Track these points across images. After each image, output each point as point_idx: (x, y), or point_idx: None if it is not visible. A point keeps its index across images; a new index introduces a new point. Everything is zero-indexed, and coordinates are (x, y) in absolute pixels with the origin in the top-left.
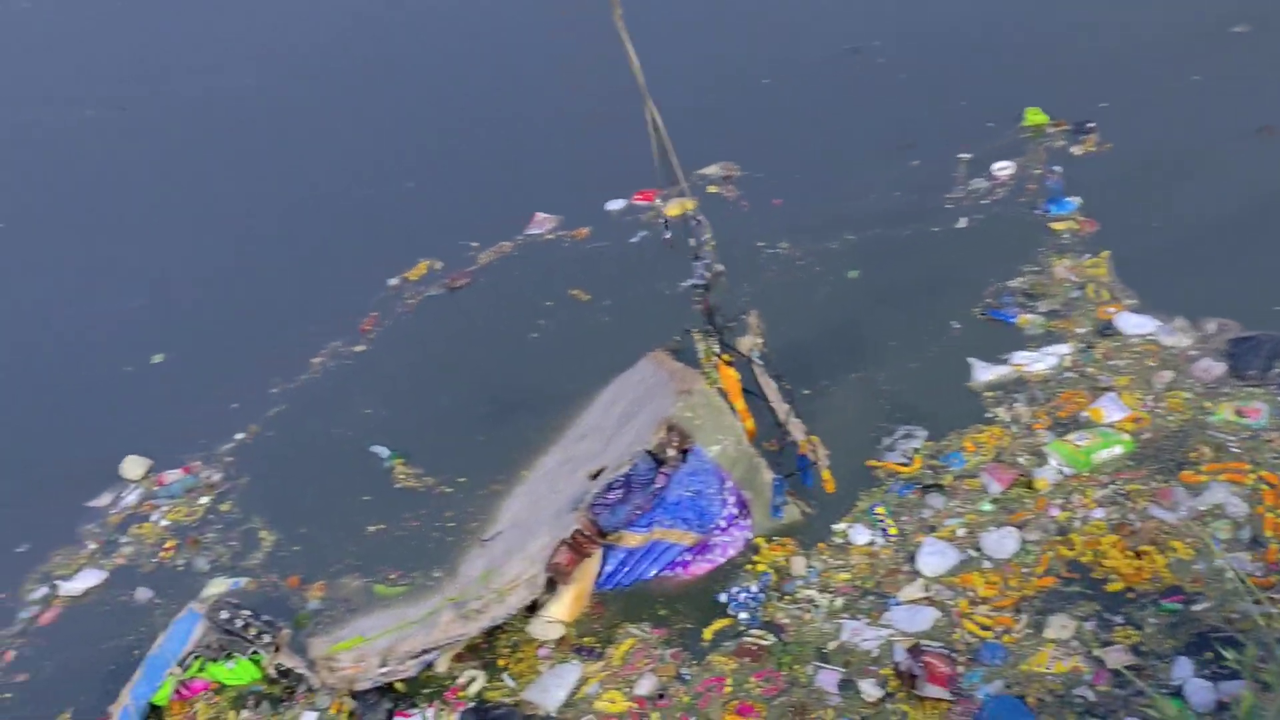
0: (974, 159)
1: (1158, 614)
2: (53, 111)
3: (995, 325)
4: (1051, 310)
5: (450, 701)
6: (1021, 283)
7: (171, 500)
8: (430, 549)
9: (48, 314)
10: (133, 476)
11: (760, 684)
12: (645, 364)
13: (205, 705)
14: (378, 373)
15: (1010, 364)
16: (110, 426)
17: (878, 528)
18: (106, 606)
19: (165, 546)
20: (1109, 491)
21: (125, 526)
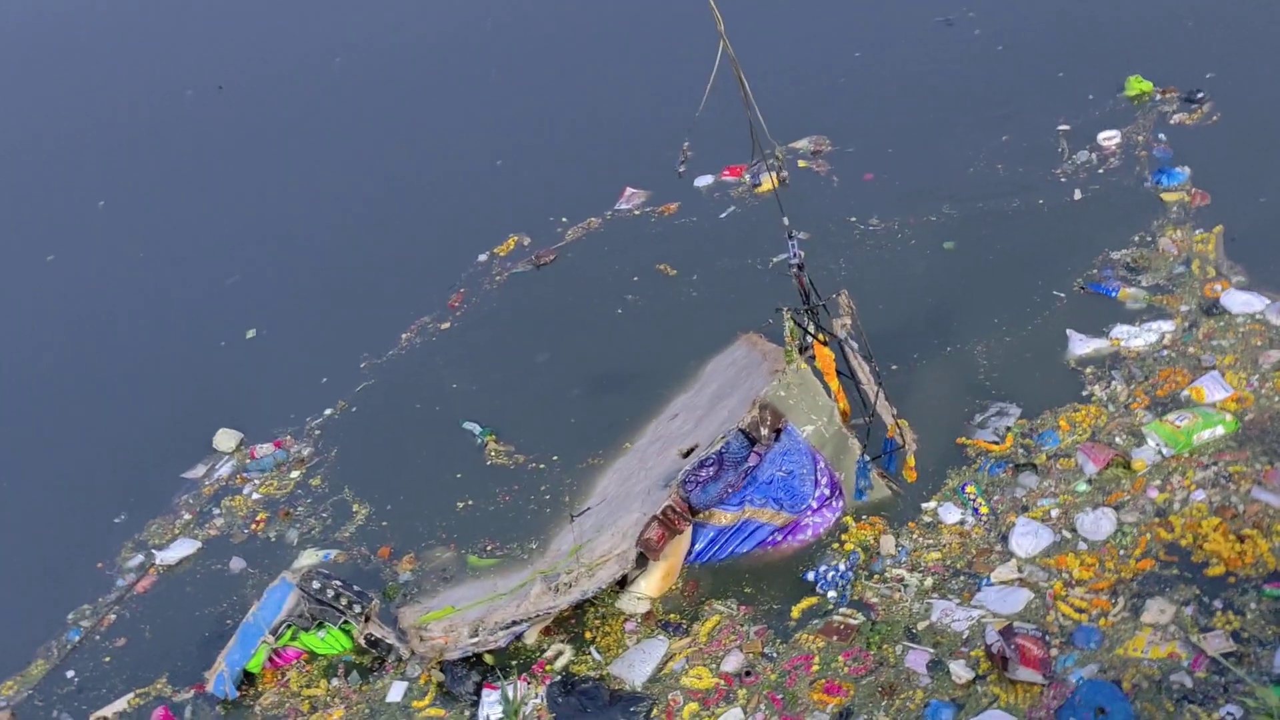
0: (1073, 129)
1: (1260, 599)
2: (155, 92)
3: (1096, 298)
4: (1155, 285)
5: (537, 674)
6: (1125, 255)
7: (262, 474)
8: (524, 522)
9: (146, 289)
10: (225, 449)
11: (848, 663)
12: (739, 345)
13: (297, 673)
14: (465, 349)
15: (1109, 338)
16: (204, 400)
17: (968, 506)
18: (200, 575)
19: (257, 519)
20: (1210, 473)
21: (218, 498)
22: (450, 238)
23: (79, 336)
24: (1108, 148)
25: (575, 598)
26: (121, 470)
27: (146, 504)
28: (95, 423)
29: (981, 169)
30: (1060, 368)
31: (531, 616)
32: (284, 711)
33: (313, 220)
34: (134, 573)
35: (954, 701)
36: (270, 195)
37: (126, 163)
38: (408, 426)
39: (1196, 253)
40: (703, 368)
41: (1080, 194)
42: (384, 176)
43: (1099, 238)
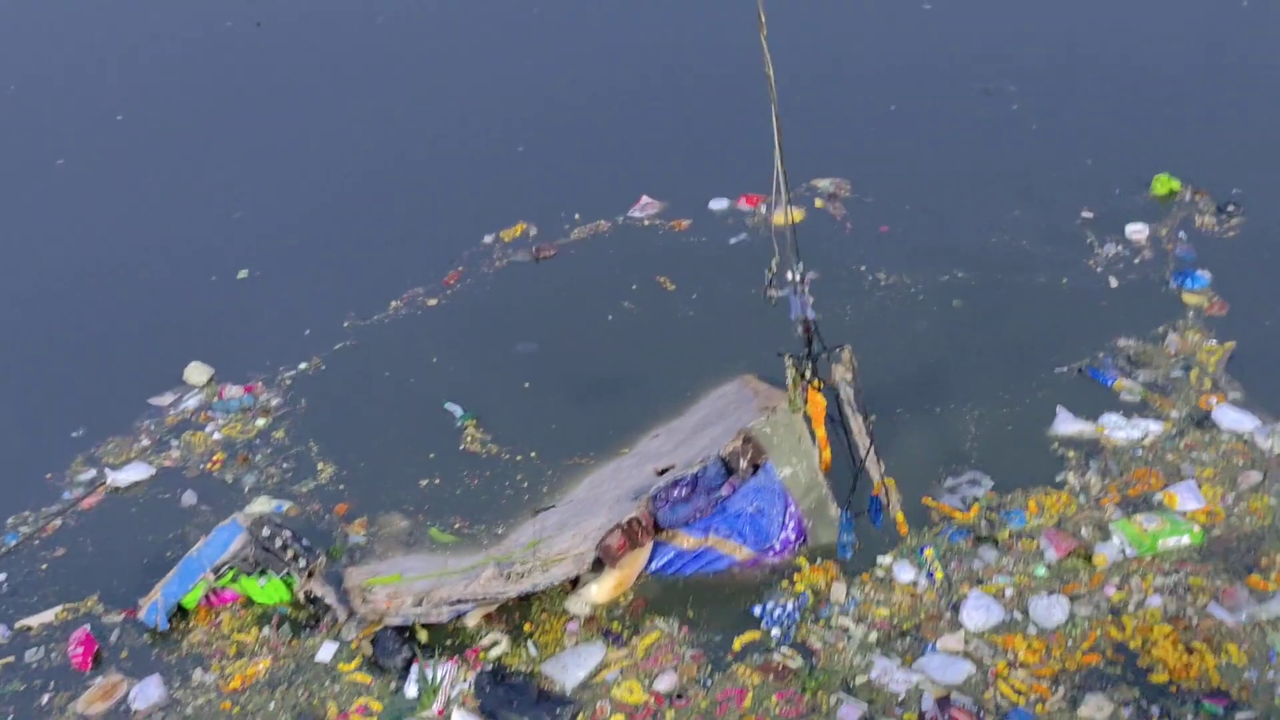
0: (1096, 218)
1: (1198, 713)
2: (195, 18)
3: (1092, 384)
4: (1152, 382)
5: (469, 660)
6: (1129, 346)
7: (228, 415)
8: (494, 507)
9: (149, 209)
10: (196, 382)
11: (780, 704)
12: (733, 384)
13: (230, 616)
14: (451, 329)
15: (1096, 424)
16: (183, 331)
17: (924, 569)
18: (148, 503)
19: (214, 458)
20: (1170, 581)
21: (180, 430)
22: (460, 213)
23: (73, 245)
24: (1136, 240)
25: (525, 588)
26: (88, 386)
27: (107, 423)
28: (71, 335)
29: (1005, 240)
30: (1041, 448)
31: (478, 599)
32: (210, 651)
33: (327, 170)
34: (83, 488)
35: None
36: (291, 138)
37: (153, 83)
38: (380, 395)
39: (1198, 361)
40: (695, 401)
41: (1116, 282)
42: (405, 140)
43: (1112, 326)
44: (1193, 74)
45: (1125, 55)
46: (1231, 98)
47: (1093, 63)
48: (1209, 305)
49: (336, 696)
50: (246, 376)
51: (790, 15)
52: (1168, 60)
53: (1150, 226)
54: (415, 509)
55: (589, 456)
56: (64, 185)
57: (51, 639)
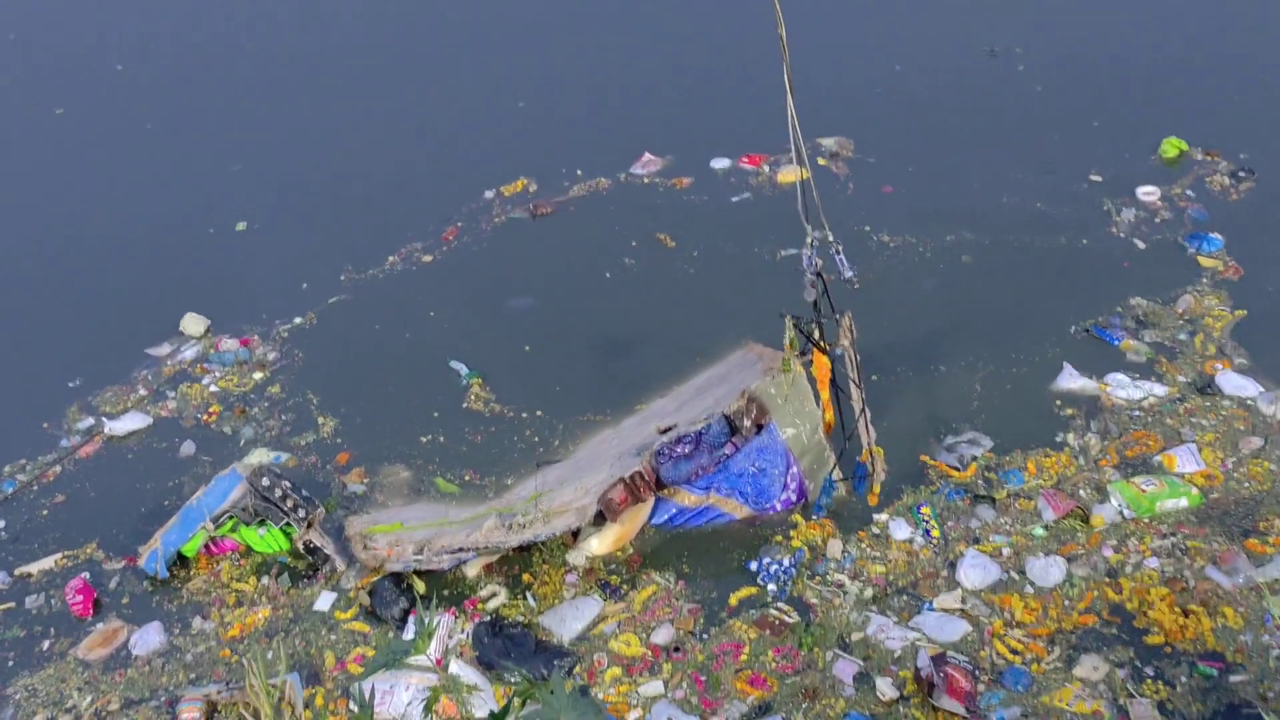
0: (1105, 181)
1: (1192, 674)
2: None
3: (1098, 344)
4: (1157, 343)
5: (468, 611)
6: (1139, 306)
7: (223, 368)
8: (499, 460)
9: (148, 159)
10: (193, 333)
11: (777, 659)
12: (738, 352)
13: (230, 565)
14: (447, 285)
15: (1099, 381)
16: (181, 283)
17: (921, 527)
18: (146, 452)
19: (210, 410)
20: (1168, 543)
21: (177, 381)
22: (461, 168)
23: (70, 196)
24: (1147, 203)
25: (527, 538)
26: (85, 336)
27: (105, 372)
28: (68, 285)
29: (1012, 201)
30: (1043, 408)
31: (479, 548)
32: (210, 600)
33: (328, 123)
34: (80, 436)
35: (873, 717)
36: (293, 92)
37: (154, 33)
38: (378, 350)
39: (1203, 325)
40: (698, 363)
41: (1128, 243)
42: (408, 94)
43: (1123, 288)
44: (1200, 37)
45: (1132, 17)
46: (1239, 62)
47: (1098, 25)
48: (1224, 269)
49: (334, 646)
50: (242, 329)
51: None
52: (1174, 23)
53: (1161, 189)
54: (419, 462)
55: (602, 414)
56: (63, 134)
57: (52, 585)
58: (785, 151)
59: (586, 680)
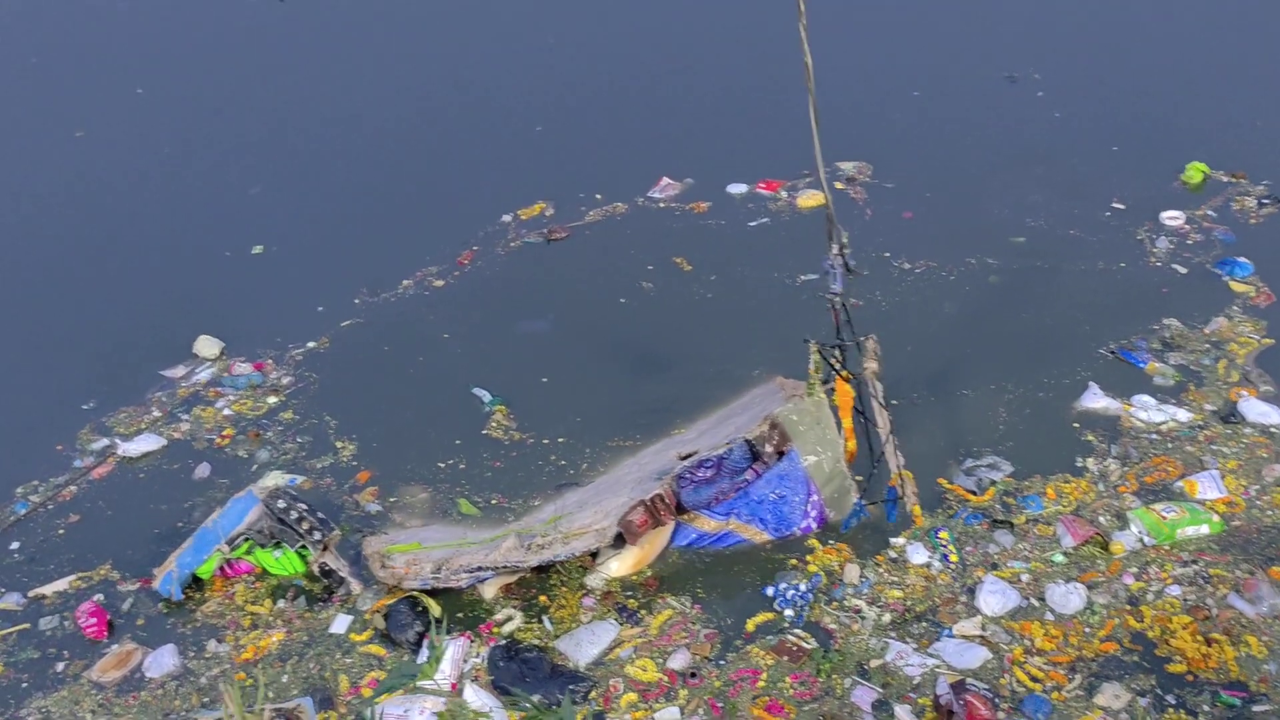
0: (1127, 207)
1: (1215, 703)
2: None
3: (1124, 367)
4: (1183, 366)
5: (483, 635)
6: (1167, 327)
7: (237, 392)
8: (524, 484)
9: (166, 183)
10: (207, 355)
11: (795, 685)
12: (762, 386)
13: (244, 588)
14: (462, 309)
15: (1124, 402)
16: (198, 306)
17: (938, 551)
18: (160, 474)
19: (223, 433)
20: (1190, 571)
21: (191, 404)
22: (479, 193)
23: (89, 218)
24: (1173, 227)
25: (546, 558)
26: (100, 358)
27: (119, 393)
28: (84, 308)
29: (1034, 227)
30: (1064, 433)
31: (498, 567)
32: (224, 623)
33: (347, 147)
34: (94, 456)
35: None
36: (313, 113)
37: (174, 57)
38: (394, 375)
39: (1228, 351)
40: (722, 391)
41: (1156, 268)
42: (426, 118)
43: (1150, 313)
44: (1219, 62)
45: (1149, 44)
46: (1259, 85)
47: (1117, 51)
48: (1255, 295)
49: (349, 670)
50: (256, 353)
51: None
52: (1192, 48)
53: (1186, 212)
54: (443, 486)
55: (630, 439)
56: (83, 157)
57: (66, 607)
58: (803, 176)
59: (602, 706)
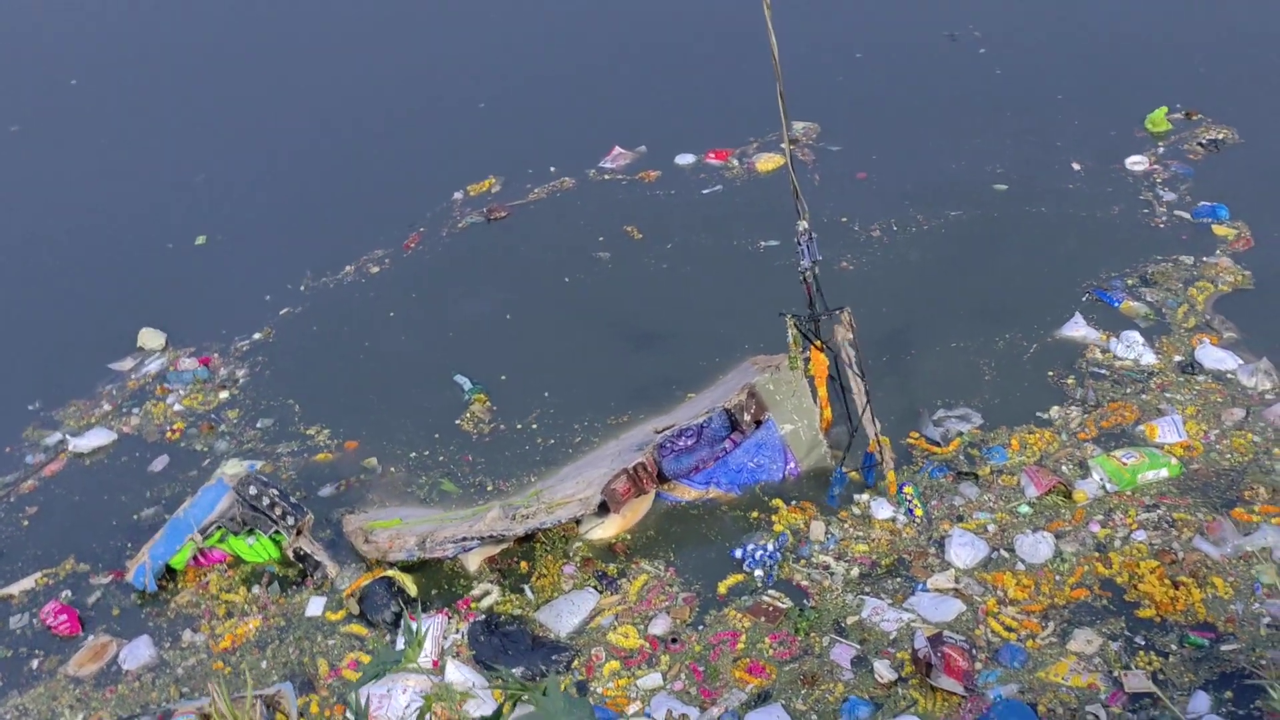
0: (1080, 153)
1: (1184, 645)
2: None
3: (1099, 305)
4: (1157, 304)
5: (461, 611)
6: (1146, 268)
7: (185, 386)
8: (495, 466)
9: (108, 178)
10: (153, 347)
11: (774, 646)
12: (741, 365)
13: (218, 577)
14: (410, 290)
15: (1102, 332)
16: (141, 300)
17: (903, 506)
18: (116, 468)
19: (174, 427)
20: (1154, 516)
21: (142, 397)
22: (428, 171)
23: (25, 213)
24: (1139, 173)
25: (532, 526)
26: (42, 357)
27: (67, 388)
28: (24, 304)
29: (988, 179)
30: (1030, 384)
31: (484, 536)
32: (199, 612)
33: (293, 132)
34: (45, 452)
35: (873, 700)
36: (255, 99)
37: (108, 47)
38: (342, 361)
39: (1188, 296)
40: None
41: (1117, 213)
42: (372, 99)
43: (1131, 258)
44: (1160, 11)
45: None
46: (1201, 32)
47: (1053, 5)
48: (1236, 239)
49: (328, 653)
50: (201, 345)
51: None
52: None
53: (1147, 156)
54: (418, 472)
55: (618, 416)
56: (18, 151)
57: (34, 605)
58: (751, 143)
59: (585, 675)
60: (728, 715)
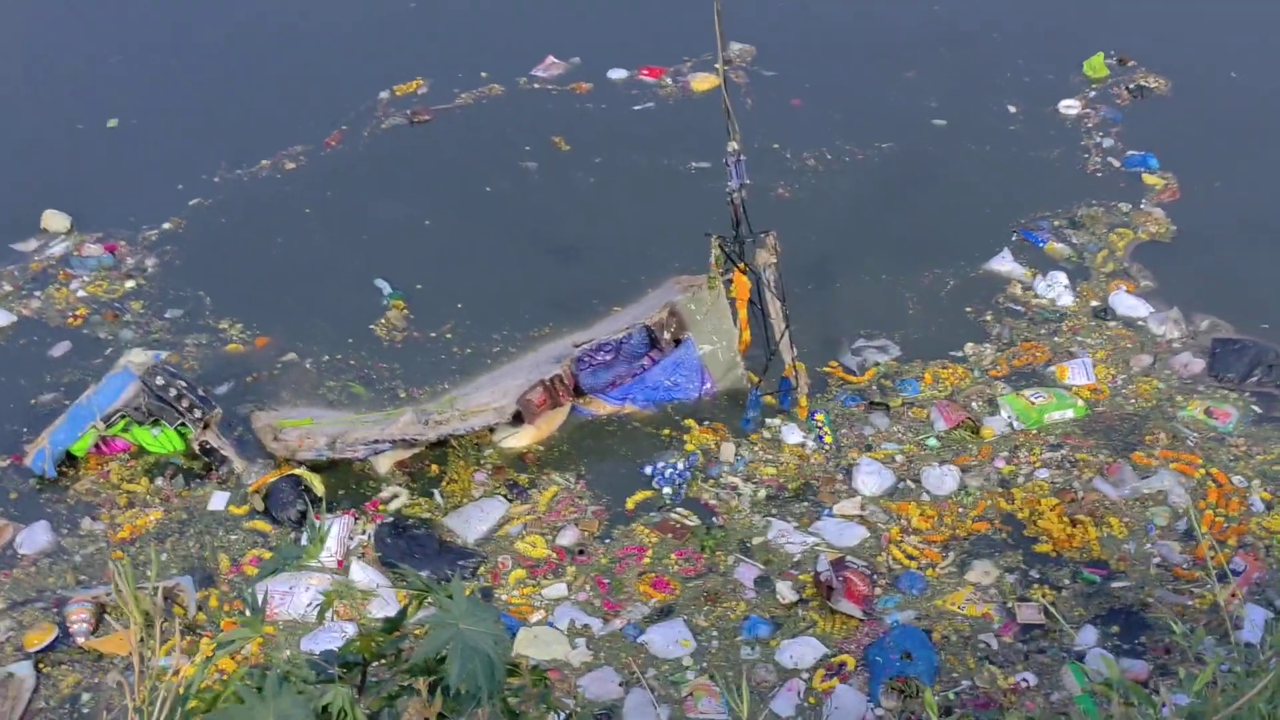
0: (1018, 91)
1: (1077, 580)
2: None
3: (1024, 246)
4: (1081, 246)
5: (369, 512)
6: (1075, 211)
7: (90, 272)
8: (410, 373)
9: (19, 50)
10: (58, 229)
11: (680, 562)
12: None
13: (119, 466)
14: (326, 190)
15: (1026, 270)
16: (46, 182)
17: (813, 432)
18: (14, 350)
19: (76, 313)
20: (1058, 455)
21: (45, 281)
22: (354, 68)
23: None
24: (1073, 116)
25: (444, 433)
26: None
27: None
28: None
29: (926, 113)
30: (958, 318)
31: (395, 439)
32: (100, 501)
33: (218, 17)
34: None
35: (773, 619)
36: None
37: None
38: (255, 257)
39: (1109, 242)
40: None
41: (1051, 156)
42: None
43: (1061, 199)
44: None
45: None
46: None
47: None
48: (1164, 188)
49: (229, 548)
50: (109, 232)
51: None
52: None
53: (1080, 100)
54: (323, 370)
55: (539, 329)
56: None
57: None
58: (686, 61)
59: (491, 582)
60: (630, 628)
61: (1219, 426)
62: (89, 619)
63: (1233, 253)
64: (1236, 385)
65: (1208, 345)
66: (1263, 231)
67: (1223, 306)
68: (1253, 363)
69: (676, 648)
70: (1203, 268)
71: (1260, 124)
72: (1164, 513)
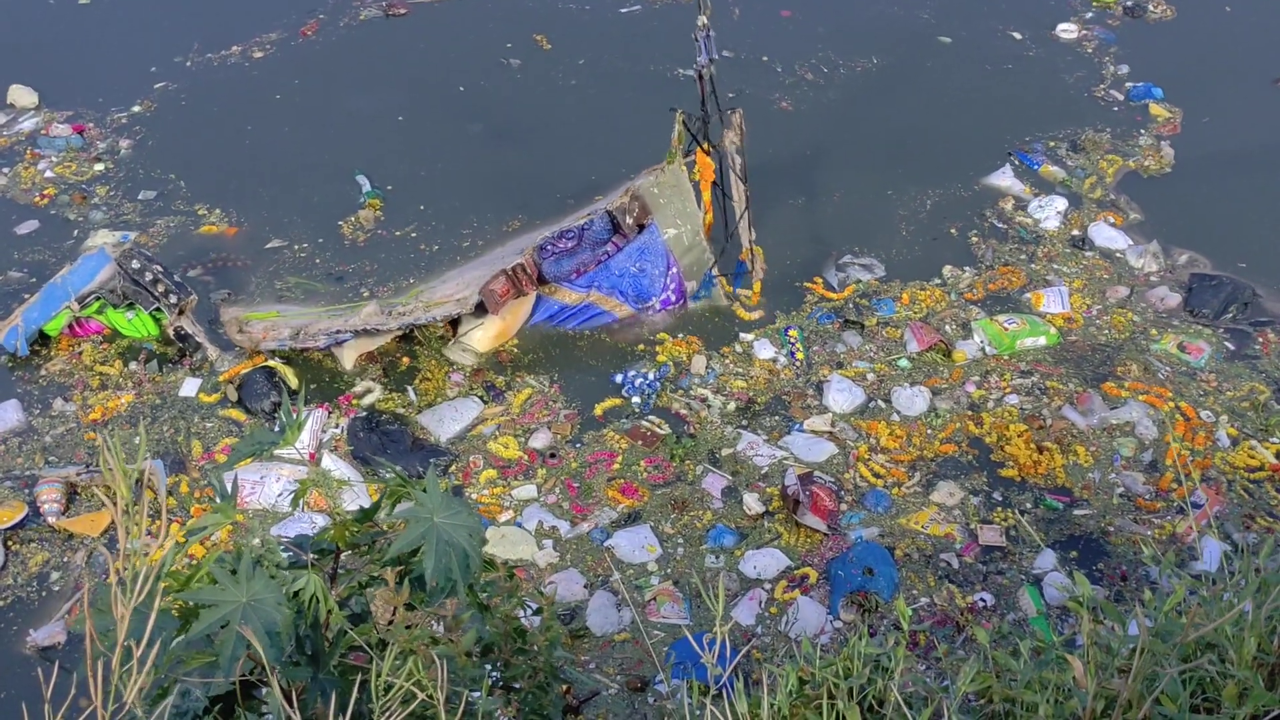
0: (1022, 15)
1: (1039, 506)
2: None
3: (1021, 169)
4: (1078, 167)
5: (342, 406)
6: (1069, 135)
7: (59, 153)
8: (380, 270)
9: None
10: (26, 104)
11: (649, 469)
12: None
13: (92, 348)
14: (296, 79)
15: (1026, 186)
16: (15, 56)
17: (785, 348)
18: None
19: (44, 193)
20: (1028, 382)
21: (11, 156)
22: None
23: None
24: (1071, 40)
25: (407, 322)
26: None
27: None
28: None
29: (924, 29)
30: (937, 239)
31: (357, 330)
32: (72, 382)
33: None
34: None
35: (739, 530)
36: None
37: None
38: (225, 142)
39: (1098, 169)
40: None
41: (1103, 93)
42: None
43: (1063, 123)
44: None
45: None
46: None
47: None
48: (1168, 121)
49: (203, 435)
50: (79, 111)
51: None
52: None
53: (1075, 24)
54: (289, 264)
55: (518, 218)
56: None
57: None
58: None
59: (461, 481)
60: (597, 531)
61: (1191, 361)
62: (59, 499)
63: (1219, 188)
64: (1211, 321)
65: (1185, 280)
66: (1248, 167)
67: (1205, 242)
68: (1228, 299)
69: (642, 553)
70: (1191, 202)
71: (1251, 59)
72: (1130, 444)
